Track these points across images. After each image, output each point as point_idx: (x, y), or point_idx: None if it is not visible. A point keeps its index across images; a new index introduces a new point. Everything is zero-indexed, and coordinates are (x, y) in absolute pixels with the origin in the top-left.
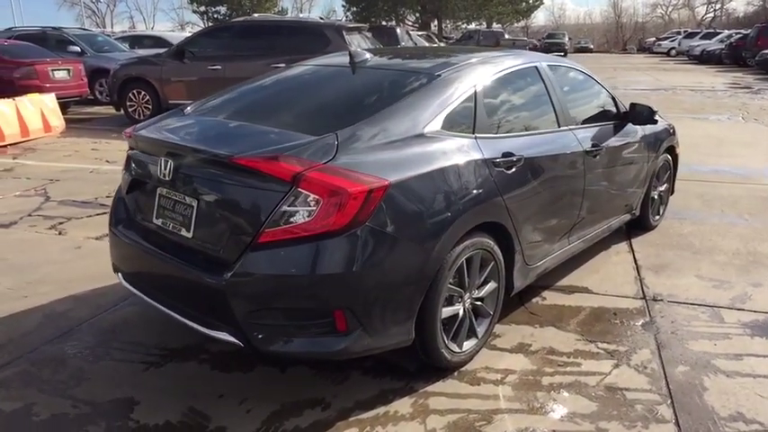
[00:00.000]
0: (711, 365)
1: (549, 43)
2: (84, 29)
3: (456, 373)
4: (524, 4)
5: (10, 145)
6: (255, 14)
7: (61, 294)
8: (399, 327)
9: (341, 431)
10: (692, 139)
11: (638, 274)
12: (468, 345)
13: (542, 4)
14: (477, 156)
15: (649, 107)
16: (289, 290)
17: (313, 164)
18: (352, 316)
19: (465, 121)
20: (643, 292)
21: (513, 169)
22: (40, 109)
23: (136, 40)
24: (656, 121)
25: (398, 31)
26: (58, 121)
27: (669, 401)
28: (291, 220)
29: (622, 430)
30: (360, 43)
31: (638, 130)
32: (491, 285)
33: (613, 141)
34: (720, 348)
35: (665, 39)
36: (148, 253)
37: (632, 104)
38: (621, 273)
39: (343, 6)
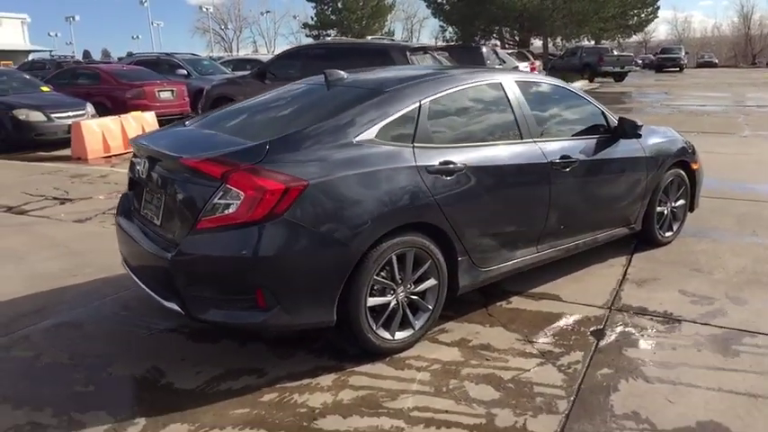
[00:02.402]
0: (638, 371)
1: (663, 58)
2: (194, 54)
3: (388, 359)
4: (636, 18)
5: (113, 155)
6: (328, 38)
7: (101, 275)
8: (318, 308)
9: (264, 394)
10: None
11: (619, 287)
12: (402, 335)
13: (655, 17)
14: (408, 163)
15: (633, 122)
16: (218, 269)
17: (240, 164)
18: (271, 295)
19: (404, 131)
20: (612, 302)
21: (454, 176)
22: (141, 124)
23: (239, 64)
24: (639, 136)
25: (484, 50)
26: None
27: (573, 398)
28: (221, 210)
29: (510, 416)
30: (420, 62)
31: (634, 145)
32: (430, 282)
33: (595, 154)
34: (658, 357)
35: None
36: (134, 238)
37: (620, 119)
38: (602, 284)
39: (440, 27)
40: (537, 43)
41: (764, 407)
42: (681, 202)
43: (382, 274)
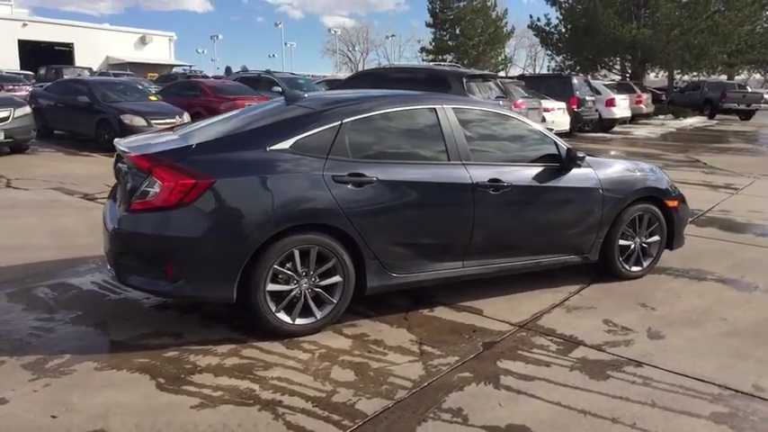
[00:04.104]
0: (494, 378)
1: None
2: (293, 73)
3: (287, 340)
4: None
5: None
6: (395, 63)
7: None
8: (219, 286)
9: (168, 351)
10: None
11: (548, 310)
12: (303, 321)
13: None
14: (316, 172)
15: (575, 153)
16: (138, 243)
17: (163, 161)
18: (178, 269)
19: (321, 145)
20: (527, 322)
21: (363, 187)
22: None
23: (331, 83)
24: (579, 166)
25: (574, 80)
26: None
27: (415, 390)
28: (146, 196)
29: (349, 395)
30: (480, 90)
31: (588, 175)
32: (336, 279)
33: (535, 181)
34: (527, 370)
35: None
36: (105, 217)
37: (567, 149)
38: (533, 306)
39: (547, 55)
40: (652, 75)
41: (586, 422)
42: (655, 238)
43: (288, 265)
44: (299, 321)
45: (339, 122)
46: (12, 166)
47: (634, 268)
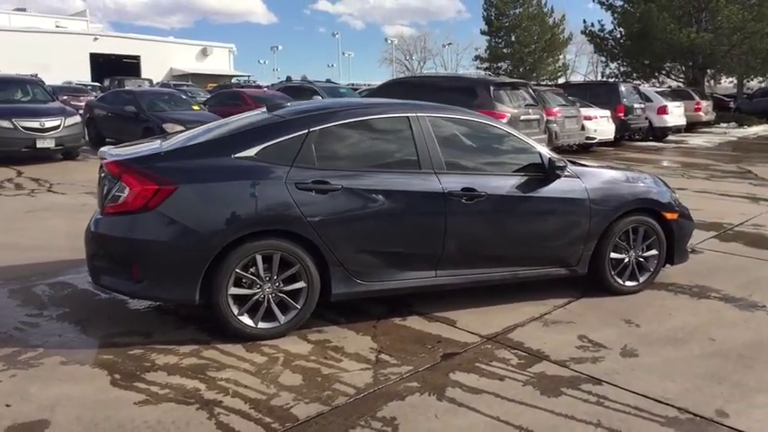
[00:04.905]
0: (440, 389)
1: None
2: (333, 82)
3: (250, 343)
4: None
5: None
6: (425, 72)
7: None
8: (181, 288)
9: (133, 348)
10: None
11: (523, 324)
12: (266, 325)
13: None
14: (279, 179)
15: (556, 162)
16: (108, 245)
17: (131, 167)
18: (142, 270)
19: (286, 153)
20: (496, 335)
21: (327, 195)
22: None
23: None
24: (558, 176)
25: (621, 88)
26: None
27: (356, 397)
28: (117, 201)
29: (289, 399)
30: (509, 98)
31: (574, 186)
32: (300, 284)
33: (514, 191)
34: (478, 383)
35: None
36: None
37: (550, 159)
38: (508, 319)
39: (602, 62)
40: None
41: None
42: (652, 252)
43: (251, 269)
44: (261, 325)
45: (306, 131)
46: (58, 171)
47: (628, 283)
